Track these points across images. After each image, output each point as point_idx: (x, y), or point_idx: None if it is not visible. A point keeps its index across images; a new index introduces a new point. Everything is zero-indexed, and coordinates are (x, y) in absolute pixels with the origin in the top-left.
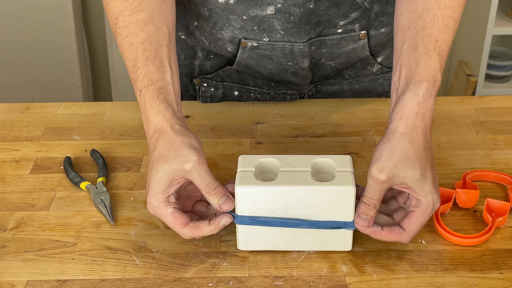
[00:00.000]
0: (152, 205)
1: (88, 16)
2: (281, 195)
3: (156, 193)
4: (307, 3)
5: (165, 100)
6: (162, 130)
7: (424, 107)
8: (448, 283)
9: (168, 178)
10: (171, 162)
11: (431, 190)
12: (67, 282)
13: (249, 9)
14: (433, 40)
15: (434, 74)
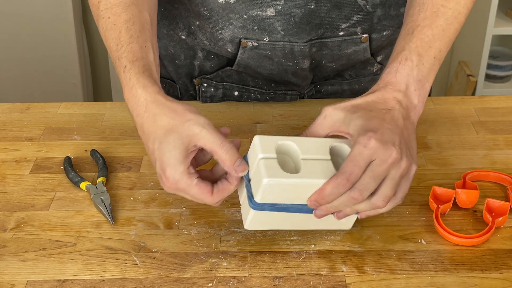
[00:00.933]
0: (174, 180)
1: (88, 16)
2: (306, 187)
3: (175, 166)
4: (308, 4)
5: (150, 76)
6: (157, 102)
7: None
8: (448, 283)
9: (183, 147)
10: (180, 130)
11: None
12: (67, 282)
13: (249, 9)
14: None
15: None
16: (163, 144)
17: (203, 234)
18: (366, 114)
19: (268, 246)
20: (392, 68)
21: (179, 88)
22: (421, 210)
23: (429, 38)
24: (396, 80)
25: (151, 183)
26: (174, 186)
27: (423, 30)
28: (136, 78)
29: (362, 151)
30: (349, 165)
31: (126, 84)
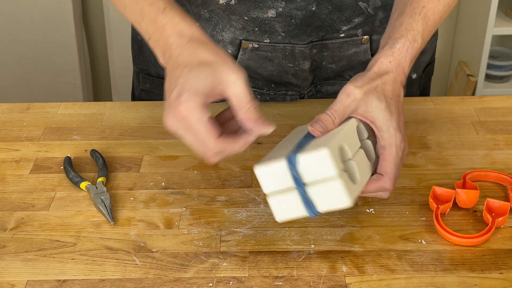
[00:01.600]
0: (187, 107)
1: (88, 16)
2: None
3: (195, 94)
4: (309, 6)
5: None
6: (202, 39)
7: (398, 58)
8: (448, 283)
9: (213, 82)
10: (216, 68)
11: (397, 128)
12: (67, 282)
13: (250, 10)
14: (420, 6)
15: (414, 34)
16: (193, 72)
17: (203, 234)
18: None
19: (268, 246)
20: (404, 46)
21: None
22: (421, 210)
23: (430, 23)
24: (405, 61)
25: (151, 183)
26: (182, 116)
27: (428, 13)
28: (181, 16)
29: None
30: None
31: (168, 22)
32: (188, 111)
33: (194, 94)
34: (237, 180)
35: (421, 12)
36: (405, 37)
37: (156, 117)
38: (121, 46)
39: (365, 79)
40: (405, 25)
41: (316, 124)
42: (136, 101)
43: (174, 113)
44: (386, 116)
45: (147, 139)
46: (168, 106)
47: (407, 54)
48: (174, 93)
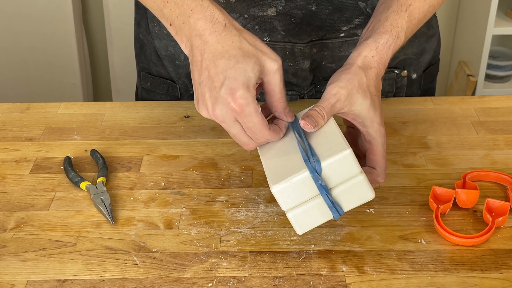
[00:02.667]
0: (245, 102)
1: (88, 16)
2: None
3: (250, 89)
4: (309, 5)
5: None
6: (234, 26)
7: (381, 53)
8: (448, 283)
9: (257, 75)
10: (260, 57)
11: (380, 123)
12: (67, 282)
13: (250, 8)
14: (406, 4)
15: (398, 31)
16: (242, 65)
17: (203, 234)
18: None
19: (268, 246)
20: (387, 42)
21: (179, 88)
22: (421, 210)
23: (415, 22)
24: (387, 57)
25: (151, 183)
26: (239, 110)
27: (413, 12)
28: (210, 1)
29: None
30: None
31: (197, 6)
32: (246, 105)
33: (249, 88)
34: (237, 180)
35: (407, 9)
36: (390, 33)
37: (156, 117)
38: (121, 46)
39: (349, 75)
40: (390, 21)
41: (308, 119)
42: (136, 101)
43: (227, 105)
44: (370, 112)
45: (147, 139)
46: (217, 98)
47: (389, 50)
48: (225, 87)
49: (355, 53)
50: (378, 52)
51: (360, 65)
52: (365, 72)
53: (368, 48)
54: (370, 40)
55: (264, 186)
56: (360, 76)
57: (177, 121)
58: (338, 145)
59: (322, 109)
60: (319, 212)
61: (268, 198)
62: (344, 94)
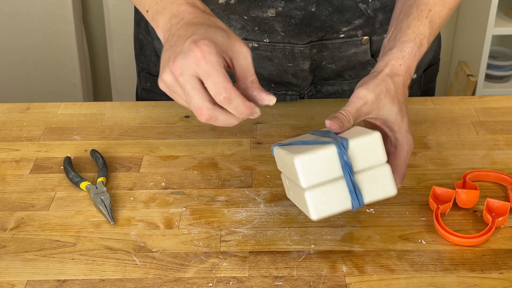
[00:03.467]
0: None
1: (88, 16)
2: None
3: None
4: (309, 6)
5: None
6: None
7: (408, 62)
8: (448, 283)
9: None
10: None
11: (408, 130)
12: (67, 282)
13: (250, 10)
14: (426, 9)
15: (421, 39)
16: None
17: (203, 234)
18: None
19: (268, 246)
20: (413, 50)
21: None
22: (421, 210)
23: (435, 27)
24: (413, 65)
25: (151, 183)
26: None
27: (434, 17)
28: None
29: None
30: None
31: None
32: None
33: (213, 42)
34: (237, 180)
35: (428, 15)
36: (414, 41)
37: (156, 117)
38: (121, 46)
39: (377, 81)
40: (412, 28)
41: (334, 119)
42: (136, 101)
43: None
44: (398, 118)
45: (147, 139)
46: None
47: (415, 59)
48: (190, 39)
49: (382, 62)
50: (405, 61)
51: (388, 72)
52: (392, 80)
53: (395, 57)
54: (395, 50)
55: (264, 186)
56: (387, 82)
57: (177, 121)
58: (366, 131)
59: (348, 113)
60: (339, 198)
61: (268, 198)
62: (371, 99)
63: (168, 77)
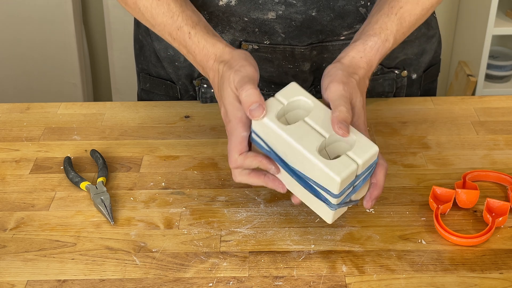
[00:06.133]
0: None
1: (88, 16)
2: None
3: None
4: (309, 11)
5: (214, 34)
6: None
7: (369, 55)
8: (448, 283)
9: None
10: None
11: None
12: (67, 282)
13: (250, 12)
14: (397, 6)
15: (387, 34)
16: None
17: (203, 234)
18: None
19: (268, 246)
20: (376, 44)
21: (179, 89)
22: (421, 210)
23: (405, 25)
24: (374, 59)
25: (151, 183)
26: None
27: (404, 15)
28: (204, 39)
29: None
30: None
31: (196, 48)
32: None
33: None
34: None
35: (398, 12)
36: (378, 35)
37: (156, 117)
38: (121, 46)
39: (345, 73)
40: (379, 24)
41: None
42: (136, 101)
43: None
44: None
45: (147, 139)
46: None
47: (377, 53)
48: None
49: (343, 53)
50: (366, 54)
51: (347, 64)
52: (356, 72)
53: (356, 50)
54: (359, 42)
55: (264, 186)
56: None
57: (177, 121)
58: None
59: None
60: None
61: (268, 198)
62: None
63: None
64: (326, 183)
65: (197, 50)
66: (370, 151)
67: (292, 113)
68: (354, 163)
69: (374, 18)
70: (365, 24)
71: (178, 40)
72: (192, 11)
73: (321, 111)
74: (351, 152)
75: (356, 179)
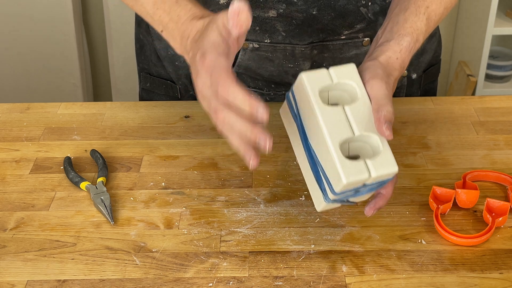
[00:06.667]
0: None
1: (88, 16)
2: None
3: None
4: (310, 9)
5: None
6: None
7: (404, 56)
8: (448, 283)
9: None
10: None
11: None
12: (67, 282)
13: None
14: (424, 6)
15: (418, 34)
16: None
17: (203, 234)
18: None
19: (268, 246)
20: (409, 44)
21: (179, 89)
22: (421, 210)
23: (431, 25)
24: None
25: (151, 183)
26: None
27: (431, 14)
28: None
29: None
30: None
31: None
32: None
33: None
34: (237, 180)
35: (426, 12)
36: (411, 35)
37: (156, 117)
38: (121, 46)
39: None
40: (409, 23)
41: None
42: (136, 101)
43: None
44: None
45: (147, 139)
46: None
47: (410, 54)
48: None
49: (378, 52)
50: (401, 55)
51: (384, 64)
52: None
53: (392, 50)
54: (393, 42)
55: (264, 186)
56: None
57: (177, 121)
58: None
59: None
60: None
61: (268, 198)
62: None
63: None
64: (333, 177)
65: (182, 12)
66: (389, 169)
67: (337, 92)
68: (367, 173)
69: (401, 17)
70: (391, 24)
71: (162, 8)
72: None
73: (364, 105)
74: (371, 161)
75: (362, 186)
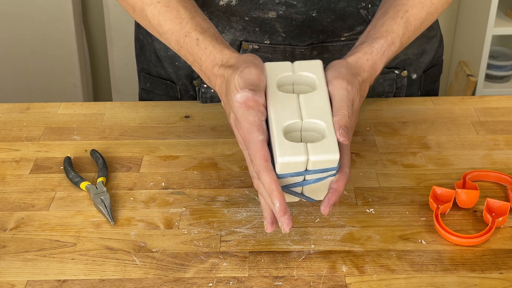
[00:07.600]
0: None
1: (88, 16)
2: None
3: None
4: (310, 12)
5: (222, 42)
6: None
7: (375, 58)
8: (448, 283)
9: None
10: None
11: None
12: (67, 282)
13: (251, 11)
14: (403, 10)
15: (393, 37)
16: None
17: (203, 234)
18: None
19: (268, 246)
20: (382, 47)
21: (179, 89)
22: (421, 210)
23: (411, 29)
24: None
25: (151, 183)
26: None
27: (410, 19)
28: (212, 45)
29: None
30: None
31: (203, 54)
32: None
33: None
34: (237, 180)
35: (404, 16)
36: (384, 38)
37: (156, 117)
38: (121, 46)
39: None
40: (386, 27)
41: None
42: (136, 101)
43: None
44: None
45: (147, 139)
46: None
47: (383, 56)
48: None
49: (349, 53)
50: (372, 57)
51: (353, 65)
52: (359, 74)
53: (362, 51)
54: (365, 45)
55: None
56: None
57: (177, 121)
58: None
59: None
60: None
61: None
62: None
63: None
64: (275, 158)
65: (203, 57)
66: (329, 155)
67: (302, 87)
68: (305, 156)
69: (380, 21)
70: (370, 27)
71: (185, 47)
72: (202, 18)
73: (320, 96)
74: (311, 145)
75: (305, 172)
